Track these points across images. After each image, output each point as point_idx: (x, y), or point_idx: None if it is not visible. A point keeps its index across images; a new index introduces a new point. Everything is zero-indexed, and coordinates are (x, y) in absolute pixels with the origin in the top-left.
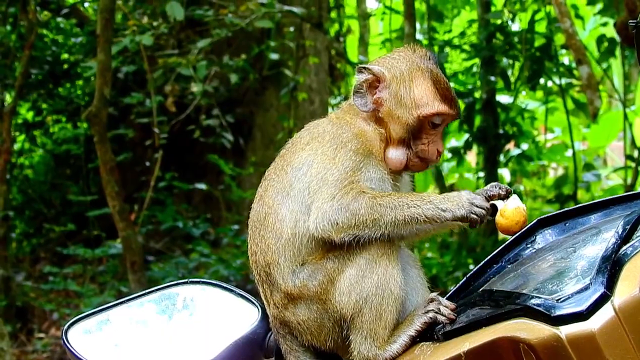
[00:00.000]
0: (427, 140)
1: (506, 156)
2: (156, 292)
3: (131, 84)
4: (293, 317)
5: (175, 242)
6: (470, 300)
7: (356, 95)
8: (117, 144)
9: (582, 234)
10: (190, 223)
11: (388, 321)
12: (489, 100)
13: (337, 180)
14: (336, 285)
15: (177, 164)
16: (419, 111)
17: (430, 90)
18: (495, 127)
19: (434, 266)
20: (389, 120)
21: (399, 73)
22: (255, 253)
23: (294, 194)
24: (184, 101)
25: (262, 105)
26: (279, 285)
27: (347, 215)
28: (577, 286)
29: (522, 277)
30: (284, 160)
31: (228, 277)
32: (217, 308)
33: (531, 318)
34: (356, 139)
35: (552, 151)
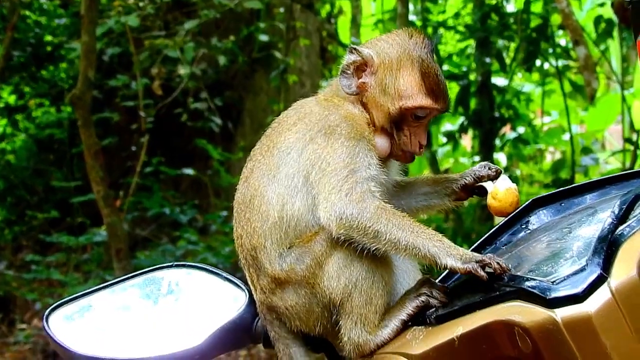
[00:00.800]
0: (409, 132)
1: (502, 140)
2: (140, 277)
3: (116, 66)
4: (281, 302)
5: (162, 229)
6: (463, 283)
7: (342, 75)
8: (101, 128)
9: (578, 214)
10: (177, 209)
11: (378, 305)
12: (484, 83)
13: (335, 169)
14: (324, 269)
15: (163, 149)
16: (401, 102)
17: (416, 82)
18: (491, 110)
19: None
20: (372, 107)
21: (388, 60)
22: (241, 236)
23: (281, 177)
24: (171, 84)
25: (252, 89)
26: (266, 269)
27: (354, 212)
28: (572, 267)
29: (516, 258)
30: (270, 141)
31: (216, 265)
32: (203, 292)
33: (526, 301)
34: (345, 122)
35: (549, 135)
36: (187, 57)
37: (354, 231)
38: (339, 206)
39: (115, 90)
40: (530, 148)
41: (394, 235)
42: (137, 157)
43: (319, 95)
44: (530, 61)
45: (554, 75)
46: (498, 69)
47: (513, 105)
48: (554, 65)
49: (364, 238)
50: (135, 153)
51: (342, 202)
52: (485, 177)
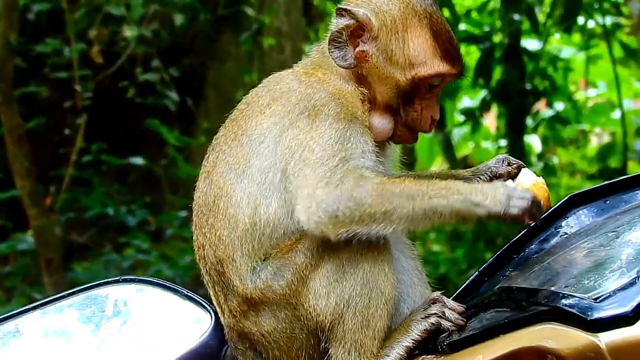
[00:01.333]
0: (421, 106)
1: (535, 119)
2: (79, 294)
3: (45, 27)
4: (255, 327)
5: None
6: (484, 301)
7: (333, 45)
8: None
9: (627, 215)
10: (123, 209)
11: (377, 329)
12: (512, 46)
13: (321, 157)
14: (309, 285)
15: (105, 132)
16: (415, 71)
17: (429, 44)
18: (521, 81)
19: (443, 263)
20: (374, 81)
21: (389, 20)
22: (203, 247)
23: (252, 172)
24: (114, 50)
25: (217, 55)
26: (235, 287)
27: (349, 204)
28: (620, 281)
29: (550, 270)
30: (238, 127)
31: (174, 280)
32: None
33: (562, 323)
34: (333, 101)
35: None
36: (134, 16)
37: (358, 225)
38: (330, 203)
39: (43, 58)
40: (571, 129)
41: (407, 209)
42: (72, 142)
43: (297, 68)
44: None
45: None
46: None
47: (549, 75)
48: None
49: (372, 227)
50: (70, 137)
51: (333, 196)
52: (505, 175)
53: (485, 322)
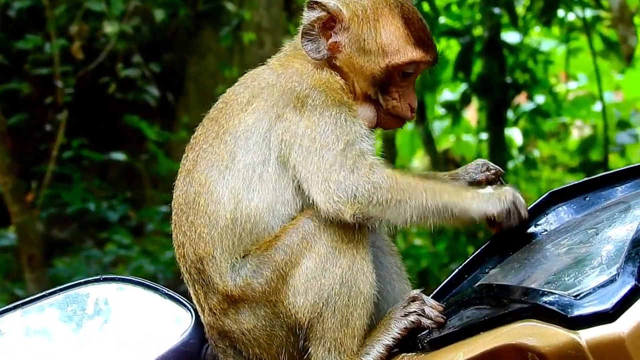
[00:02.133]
0: (398, 95)
1: (516, 112)
2: (60, 294)
3: (26, 24)
4: (235, 325)
5: (86, 229)
6: (464, 298)
7: (306, 38)
8: (7, 103)
9: (607, 211)
10: (104, 205)
11: (357, 327)
12: (493, 40)
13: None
14: (289, 283)
15: (86, 128)
16: (388, 59)
17: (402, 32)
18: (501, 75)
19: (424, 257)
20: (350, 71)
21: (360, 10)
22: (183, 245)
23: (238, 168)
24: (95, 46)
25: (197, 50)
26: (215, 284)
27: (368, 187)
28: (600, 278)
29: (530, 267)
30: (219, 126)
31: (155, 275)
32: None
33: (542, 320)
34: (315, 90)
35: (575, 105)
36: (115, 12)
37: (374, 208)
38: (349, 184)
39: (24, 55)
40: (552, 122)
41: (420, 201)
42: (54, 138)
43: (272, 62)
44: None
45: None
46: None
47: (529, 68)
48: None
49: (386, 213)
50: (51, 133)
51: (351, 180)
52: (483, 181)
53: (466, 319)
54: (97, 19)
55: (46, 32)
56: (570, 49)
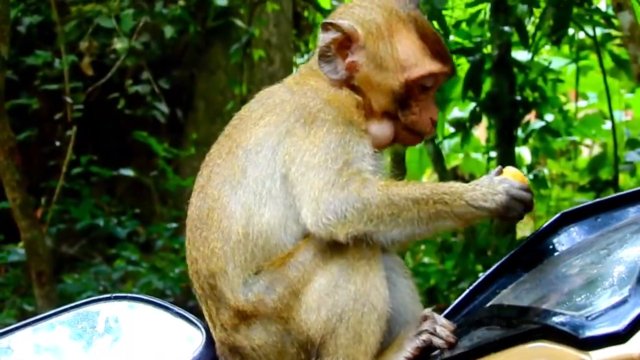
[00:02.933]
0: (418, 108)
1: (525, 130)
2: (70, 312)
3: (36, 39)
4: (246, 341)
5: (95, 245)
6: (475, 319)
7: (323, 60)
8: (17, 118)
9: (619, 232)
10: (113, 221)
11: (369, 345)
12: (502, 58)
13: (324, 161)
14: (301, 299)
15: (96, 144)
16: (407, 74)
17: (418, 46)
18: (511, 93)
19: (433, 275)
20: (368, 89)
21: (374, 27)
22: (196, 260)
23: (248, 182)
24: (105, 62)
25: (206, 67)
26: (227, 300)
27: (357, 206)
28: (612, 299)
29: (541, 288)
30: (232, 141)
31: (164, 291)
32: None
33: (553, 341)
34: (328, 107)
35: (585, 123)
36: (125, 28)
37: (367, 225)
38: (337, 205)
39: (34, 70)
40: (562, 140)
41: (412, 213)
42: (63, 154)
43: (286, 80)
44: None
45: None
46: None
47: (539, 86)
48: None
49: (380, 227)
50: (61, 149)
51: (340, 198)
52: None
53: (477, 340)
54: (107, 35)
55: (56, 47)
56: (580, 67)
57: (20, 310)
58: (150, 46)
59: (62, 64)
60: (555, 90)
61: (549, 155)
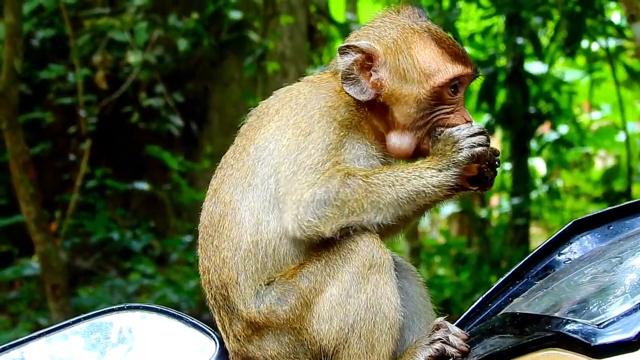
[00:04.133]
0: (452, 109)
1: (539, 142)
2: (84, 322)
3: (49, 53)
4: (259, 352)
5: (109, 259)
6: (488, 327)
7: (347, 82)
8: (31, 132)
9: (631, 240)
10: (128, 234)
11: (382, 354)
12: (516, 70)
13: (316, 163)
14: (313, 310)
15: (110, 158)
16: (432, 81)
17: (436, 53)
18: (525, 105)
19: (447, 287)
20: (394, 103)
21: (391, 42)
22: (209, 270)
23: (257, 183)
24: (118, 75)
25: (221, 80)
26: (240, 311)
27: (336, 204)
28: (624, 307)
29: (553, 296)
30: (246, 139)
31: (179, 305)
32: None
33: (566, 348)
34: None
35: (598, 135)
36: (139, 41)
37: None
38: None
39: (47, 84)
40: (576, 152)
41: (391, 196)
42: (77, 168)
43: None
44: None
45: (604, 59)
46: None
47: (552, 98)
48: (603, 47)
49: (363, 216)
50: (75, 163)
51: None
52: None
53: (489, 348)
54: (121, 49)
55: (69, 61)
56: (594, 79)
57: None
58: (164, 59)
59: (76, 78)
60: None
61: (562, 167)
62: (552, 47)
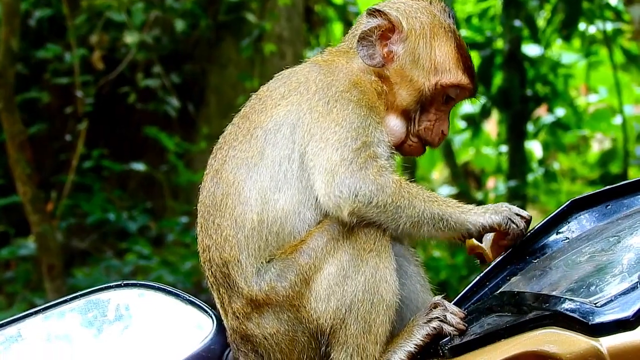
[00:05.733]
0: (435, 117)
1: (536, 125)
2: (81, 299)
3: (46, 33)
4: (258, 329)
5: (106, 239)
6: (485, 306)
7: (362, 43)
8: (28, 112)
9: (629, 219)
10: (124, 215)
11: (379, 334)
12: (513, 53)
13: (345, 139)
14: (312, 288)
15: (106, 138)
16: (439, 78)
17: (454, 55)
18: (521, 88)
19: (443, 269)
20: (397, 82)
21: (418, 25)
22: (209, 248)
23: (266, 164)
24: (115, 55)
25: (218, 61)
26: (240, 289)
27: (372, 188)
28: (622, 285)
29: (551, 275)
30: (250, 122)
31: (174, 285)
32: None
33: (563, 327)
34: (355, 88)
35: (595, 118)
36: (136, 22)
37: (372, 210)
38: (353, 181)
39: (44, 64)
40: (572, 135)
41: (418, 209)
42: (74, 148)
43: (314, 59)
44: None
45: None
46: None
47: (549, 81)
48: (601, 29)
49: (382, 216)
50: (71, 144)
51: (357, 177)
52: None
53: (487, 326)
54: (118, 29)
55: (66, 41)
56: (591, 62)
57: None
58: (161, 40)
59: (73, 58)
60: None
61: (559, 150)
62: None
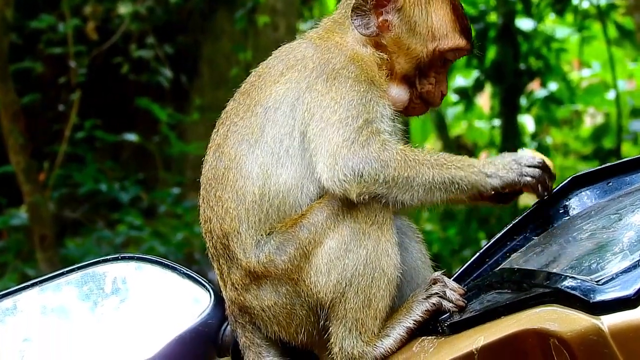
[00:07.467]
0: (435, 79)
1: (529, 99)
2: (77, 272)
3: (40, 3)
4: (256, 301)
5: (98, 210)
6: (485, 282)
7: (356, 12)
8: (21, 82)
9: (630, 196)
10: (116, 186)
11: (379, 309)
12: (507, 26)
13: (345, 118)
14: (312, 261)
15: (99, 109)
16: (436, 43)
17: (450, 19)
18: (515, 61)
19: (435, 242)
20: (395, 51)
21: None
22: (210, 220)
23: (266, 140)
24: (109, 26)
25: (211, 32)
26: (239, 260)
27: (376, 166)
28: (623, 264)
29: (552, 252)
30: (250, 98)
31: (166, 256)
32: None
33: (564, 305)
34: (352, 64)
35: (588, 92)
36: None
37: (381, 187)
38: (356, 162)
39: (38, 34)
40: (565, 109)
41: (427, 176)
42: (66, 119)
43: (309, 35)
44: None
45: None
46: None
47: (543, 55)
48: (594, 4)
49: (393, 191)
50: (64, 114)
51: (360, 156)
52: None
53: (486, 303)
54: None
55: (60, 11)
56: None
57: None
58: (155, 11)
59: (66, 28)
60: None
61: (552, 124)
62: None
